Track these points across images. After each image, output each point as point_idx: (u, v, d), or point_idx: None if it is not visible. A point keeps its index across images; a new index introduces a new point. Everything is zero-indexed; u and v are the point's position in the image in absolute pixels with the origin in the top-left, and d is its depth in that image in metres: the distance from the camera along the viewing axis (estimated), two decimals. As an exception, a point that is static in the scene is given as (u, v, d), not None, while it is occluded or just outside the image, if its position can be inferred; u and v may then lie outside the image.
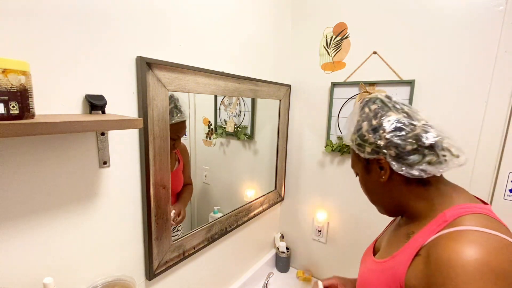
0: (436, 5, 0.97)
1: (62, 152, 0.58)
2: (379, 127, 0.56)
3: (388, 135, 0.54)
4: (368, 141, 0.57)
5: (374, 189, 0.62)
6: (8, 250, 0.53)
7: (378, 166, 0.58)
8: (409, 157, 0.53)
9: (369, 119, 0.58)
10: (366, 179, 0.62)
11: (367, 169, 0.61)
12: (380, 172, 0.57)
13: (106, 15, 0.61)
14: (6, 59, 0.41)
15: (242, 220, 1.18)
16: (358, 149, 0.59)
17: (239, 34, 1.02)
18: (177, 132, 1.04)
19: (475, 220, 0.46)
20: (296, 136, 1.41)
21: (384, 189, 0.59)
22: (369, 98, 0.61)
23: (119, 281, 0.68)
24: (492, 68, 0.91)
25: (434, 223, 0.50)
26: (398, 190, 0.57)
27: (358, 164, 0.63)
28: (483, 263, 0.40)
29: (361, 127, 0.58)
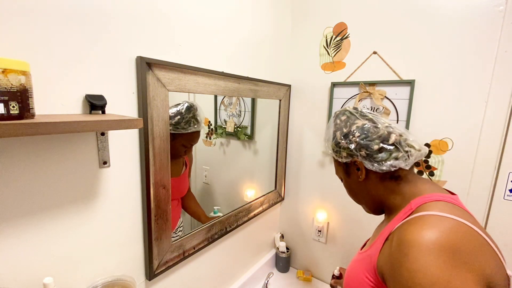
0: (436, 5, 0.97)
1: (62, 152, 0.58)
2: (349, 133, 0.66)
3: (357, 139, 0.64)
4: (343, 146, 0.66)
5: (356, 189, 0.70)
6: (8, 250, 0.53)
7: (355, 167, 0.67)
8: (378, 155, 0.62)
9: (340, 128, 0.68)
10: (348, 182, 0.71)
11: (347, 172, 0.70)
12: (358, 173, 0.66)
13: (106, 15, 0.61)
14: (6, 59, 0.41)
15: (242, 220, 1.18)
16: (336, 155, 0.69)
17: (239, 34, 1.02)
18: (191, 141, 1.04)
19: (434, 206, 0.53)
20: (296, 136, 1.41)
21: (364, 188, 0.68)
22: (339, 111, 0.72)
23: (119, 281, 0.68)
24: (492, 68, 0.91)
25: (402, 212, 0.58)
26: (375, 187, 0.66)
27: (339, 169, 0.72)
28: (433, 240, 0.46)
29: (336, 136, 0.69)
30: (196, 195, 1.21)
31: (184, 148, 1.00)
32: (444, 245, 0.45)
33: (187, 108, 0.96)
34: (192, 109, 0.98)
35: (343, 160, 0.67)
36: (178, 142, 0.97)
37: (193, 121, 0.97)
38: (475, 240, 0.47)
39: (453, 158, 1.01)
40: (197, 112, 0.99)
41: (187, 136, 0.97)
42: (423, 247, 0.45)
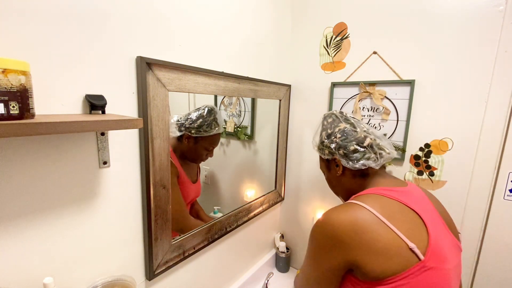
0: (436, 5, 0.97)
1: (62, 152, 0.58)
2: (331, 134, 0.79)
3: (338, 140, 0.76)
4: (326, 145, 0.79)
5: (334, 182, 0.84)
6: (8, 250, 0.53)
7: (334, 164, 0.80)
8: (353, 155, 0.74)
9: (326, 129, 0.81)
10: (328, 175, 0.85)
11: (328, 167, 0.83)
12: (336, 169, 0.79)
13: (106, 15, 0.61)
14: (6, 59, 0.41)
15: (242, 220, 1.18)
16: (320, 152, 0.82)
17: (239, 34, 1.02)
18: (214, 143, 1.05)
19: (359, 197, 0.66)
20: (296, 136, 1.41)
21: (340, 181, 0.80)
22: (327, 114, 0.85)
23: (119, 281, 0.68)
24: (492, 68, 0.91)
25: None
26: (349, 182, 0.78)
27: (322, 164, 0.86)
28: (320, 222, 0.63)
29: (321, 135, 0.83)
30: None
31: (206, 151, 1.02)
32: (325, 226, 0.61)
33: (209, 111, 1.00)
34: (213, 112, 1.00)
35: (325, 157, 0.81)
36: (200, 145, 1.00)
37: (214, 124, 1.00)
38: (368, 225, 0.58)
39: (453, 158, 1.01)
40: (217, 115, 1.01)
41: (209, 139, 1.00)
42: (313, 226, 0.65)
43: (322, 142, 0.81)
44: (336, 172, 0.79)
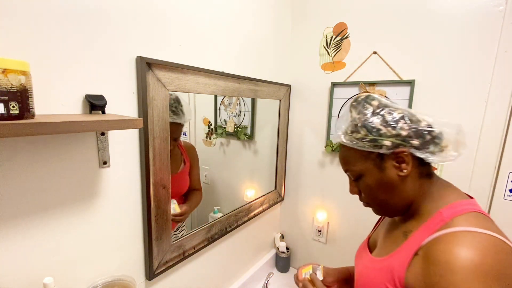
0: (436, 5, 0.97)
1: (62, 152, 0.58)
2: (399, 119, 0.55)
3: (412, 125, 0.54)
4: (386, 134, 0.54)
5: (386, 187, 0.57)
6: (8, 250, 0.53)
7: (395, 160, 0.55)
8: (429, 147, 0.54)
9: (379, 114, 0.56)
10: (377, 178, 0.57)
11: (379, 166, 0.56)
12: (401, 166, 0.55)
13: (106, 15, 0.61)
14: (6, 59, 0.41)
15: (242, 220, 1.18)
16: (371, 145, 0.55)
17: (239, 34, 1.02)
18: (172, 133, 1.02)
19: (469, 220, 0.48)
20: (296, 136, 1.41)
21: (399, 185, 0.56)
22: (364, 96, 0.61)
23: (119, 281, 0.68)
24: (492, 68, 0.91)
25: (431, 222, 0.51)
26: (412, 185, 0.56)
27: (364, 163, 0.58)
28: (478, 265, 0.42)
29: (372, 122, 0.56)
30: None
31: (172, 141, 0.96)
32: (488, 270, 0.41)
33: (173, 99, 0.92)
34: (179, 99, 0.95)
35: (384, 151, 0.55)
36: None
37: (178, 111, 0.93)
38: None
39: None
40: (183, 105, 0.96)
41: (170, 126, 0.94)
42: (465, 272, 0.41)
43: (377, 130, 0.55)
44: (398, 172, 0.55)
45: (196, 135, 1.18)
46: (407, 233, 0.56)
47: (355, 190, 0.63)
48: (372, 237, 0.74)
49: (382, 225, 0.72)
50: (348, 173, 0.62)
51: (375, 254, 0.63)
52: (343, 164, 0.63)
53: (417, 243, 0.51)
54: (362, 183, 0.60)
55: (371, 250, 0.67)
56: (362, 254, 0.69)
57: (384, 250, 0.60)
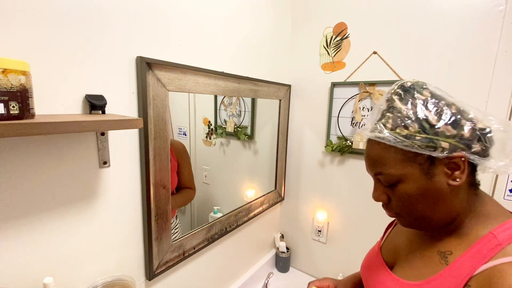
0: (436, 5, 0.97)
1: (62, 152, 0.58)
2: (460, 116, 0.44)
3: (475, 126, 0.43)
4: (444, 134, 0.43)
5: (431, 198, 0.46)
6: (8, 250, 0.53)
7: (448, 166, 0.44)
8: (490, 152, 0.44)
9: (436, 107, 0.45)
10: (421, 186, 0.46)
11: (427, 172, 0.45)
12: (453, 174, 0.44)
13: (106, 15, 0.61)
14: (6, 59, 0.41)
15: (242, 220, 1.18)
16: (423, 146, 0.44)
17: (239, 34, 1.02)
18: None
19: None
20: (296, 136, 1.41)
21: (447, 196, 0.46)
22: (412, 83, 0.48)
23: (119, 281, 0.68)
24: (492, 68, 0.91)
25: (483, 247, 0.42)
26: (461, 197, 0.47)
27: (406, 167, 0.46)
28: None
29: (427, 117, 0.44)
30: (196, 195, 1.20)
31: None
32: None
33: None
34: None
35: (436, 154, 0.43)
36: None
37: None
38: None
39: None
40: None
41: None
42: None
43: (433, 127, 0.43)
44: (448, 180, 0.45)
45: (196, 135, 1.18)
46: (447, 256, 0.46)
47: (383, 197, 0.51)
48: (384, 245, 0.63)
49: (400, 232, 0.61)
50: (381, 177, 0.49)
51: (401, 275, 0.52)
52: (374, 165, 0.50)
53: (466, 271, 0.42)
54: (398, 190, 0.48)
55: (388, 265, 0.57)
56: (378, 268, 0.58)
57: (413, 271, 0.50)
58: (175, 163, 1.07)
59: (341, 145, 1.23)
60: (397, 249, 0.58)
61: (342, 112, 1.23)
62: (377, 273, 0.58)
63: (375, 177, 0.51)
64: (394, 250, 0.59)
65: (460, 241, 0.46)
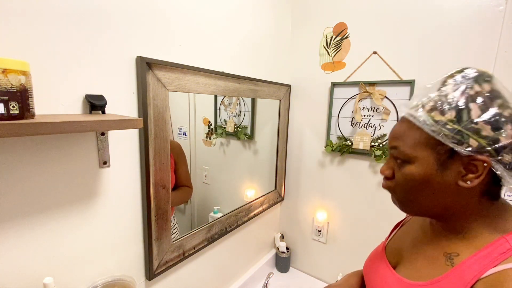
0: (436, 5, 0.97)
1: (62, 152, 0.58)
2: (507, 120, 0.40)
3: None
4: (480, 132, 0.40)
5: (431, 188, 0.46)
6: (8, 250, 0.53)
7: (464, 166, 0.42)
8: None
9: (487, 103, 0.41)
10: (429, 174, 0.45)
11: (442, 163, 0.44)
12: (467, 176, 0.42)
13: (106, 15, 0.61)
14: (6, 59, 0.41)
15: (242, 220, 1.18)
16: (450, 136, 0.41)
17: (239, 34, 1.02)
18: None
19: None
20: (296, 136, 1.41)
21: (449, 193, 0.45)
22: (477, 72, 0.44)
23: (119, 281, 0.68)
24: (492, 68, 0.91)
25: (494, 250, 0.41)
26: (467, 200, 0.45)
27: (424, 151, 0.45)
28: None
29: (471, 109, 0.41)
30: (196, 195, 1.20)
31: None
32: None
33: None
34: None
35: (459, 149, 0.41)
36: None
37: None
38: None
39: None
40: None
41: None
42: None
43: (470, 123, 0.41)
44: (458, 180, 0.43)
45: (196, 135, 1.18)
46: (453, 257, 0.45)
47: (389, 171, 0.51)
48: (389, 245, 0.62)
49: (406, 233, 0.61)
50: (394, 151, 0.49)
51: (405, 275, 0.51)
52: (395, 138, 0.49)
53: (473, 273, 0.40)
54: (404, 170, 0.47)
55: (391, 264, 0.56)
56: (380, 268, 0.58)
57: (417, 272, 0.50)
58: (172, 161, 1.07)
59: (341, 145, 1.23)
60: (401, 249, 0.57)
61: (342, 112, 1.23)
62: (380, 272, 0.57)
63: (390, 151, 0.51)
64: (398, 250, 0.58)
65: (468, 243, 0.45)
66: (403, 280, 0.50)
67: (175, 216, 1.09)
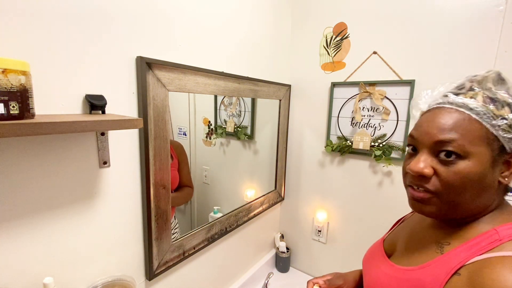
0: (436, 5, 0.97)
1: (62, 152, 0.58)
2: None
3: None
4: None
5: (482, 186, 0.44)
6: (8, 250, 0.53)
7: (505, 163, 0.44)
8: None
9: None
10: (482, 171, 0.43)
11: (494, 160, 0.43)
12: (506, 171, 0.44)
13: (106, 15, 0.61)
14: (6, 59, 0.41)
15: (242, 220, 1.18)
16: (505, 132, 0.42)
17: (239, 34, 1.02)
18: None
19: None
20: (296, 136, 1.41)
21: (491, 190, 0.45)
22: (504, 76, 0.46)
23: (119, 281, 0.68)
24: (492, 68, 0.91)
25: (483, 240, 0.42)
26: (493, 194, 0.46)
27: (483, 147, 0.43)
28: None
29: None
30: (196, 195, 1.20)
31: None
32: None
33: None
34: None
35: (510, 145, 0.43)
36: None
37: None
38: None
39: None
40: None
41: None
42: None
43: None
44: (499, 176, 0.45)
45: (196, 135, 1.18)
46: (443, 245, 0.47)
47: (429, 170, 0.45)
48: (387, 238, 0.65)
49: (404, 227, 0.63)
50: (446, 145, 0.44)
51: (397, 261, 0.54)
52: (445, 131, 0.44)
53: (458, 260, 0.42)
54: (458, 167, 0.43)
55: (387, 254, 0.59)
56: (377, 257, 0.61)
57: (408, 259, 0.52)
58: (176, 161, 1.07)
59: (341, 145, 1.23)
60: (398, 240, 0.60)
61: (342, 112, 1.23)
62: (375, 261, 0.60)
63: (434, 145, 0.45)
64: (395, 241, 0.61)
65: (462, 233, 0.46)
66: (394, 266, 0.53)
67: (175, 216, 1.09)
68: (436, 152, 0.45)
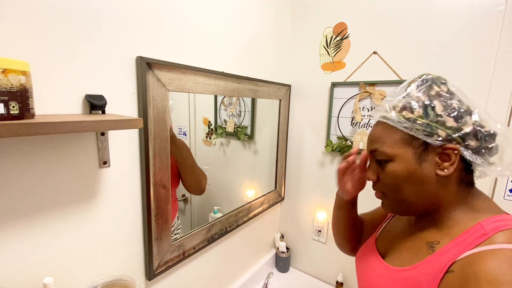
0: (436, 5, 0.97)
1: (62, 152, 0.58)
2: (466, 113, 0.47)
3: (476, 125, 0.47)
4: (445, 124, 0.47)
5: (416, 182, 0.49)
6: (8, 250, 0.53)
7: (440, 156, 0.48)
8: (484, 154, 0.47)
9: (446, 100, 0.48)
10: (410, 169, 0.49)
11: (419, 157, 0.49)
12: (443, 164, 0.47)
13: (106, 15, 0.61)
14: (6, 59, 0.41)
15: (242, 220, 1.18)
16: (421, 130, 0.47)
17: (239, 34, 1.02)
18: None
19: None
20: (296, 136, 1.41)
21: (432, 185, 0.49)
22: (433, 76, 0.52)
23: (119, 281, 0.68)
24: (492, 68, 0.91)
25: (470, 235, 0.45)
26: (447, 189, 0.49)
27: (402, 148, 0.50)
28: None
29: (434, 105, 0.47)
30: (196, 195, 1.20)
31: None
32: None
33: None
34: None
35: (430, 140, 0.47)
36: None
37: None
38: None
39: (453, 158, 1.00)
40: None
41: None
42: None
43: (437, 117, 0.47)
44: (436, 169, 0.48)
45: (196, 135, 1.18)
46: (434, 245, 0.49)
47: (374, 176, 0.55)
48: (380, 237, 0.66)
49: (394, 226, 0.65)
50: (375, 154, 0.53)
51: (390, 262, 0.55)
52: (373, 142, 0.54)
53: (449, 257, 0.44)
54: (388, 169, 0.51)
55: (381, 254, 0.60)
56: (370, 257, 0.61)
57: (401, 260, 0.54)
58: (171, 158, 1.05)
59: (341, 145, 1.23)
60: (390, 240, 0.61)
61: (342, 112, 1.23)
62: (369, 261, 0.61)
63: (371, 154, 0.55)
64: (387, 240, 0.62)
65: (448, 231, 0.49)
66: (388, 267, 0.55)
67: (178, 216, 1.09)
68: (376, 160, 0.54)
